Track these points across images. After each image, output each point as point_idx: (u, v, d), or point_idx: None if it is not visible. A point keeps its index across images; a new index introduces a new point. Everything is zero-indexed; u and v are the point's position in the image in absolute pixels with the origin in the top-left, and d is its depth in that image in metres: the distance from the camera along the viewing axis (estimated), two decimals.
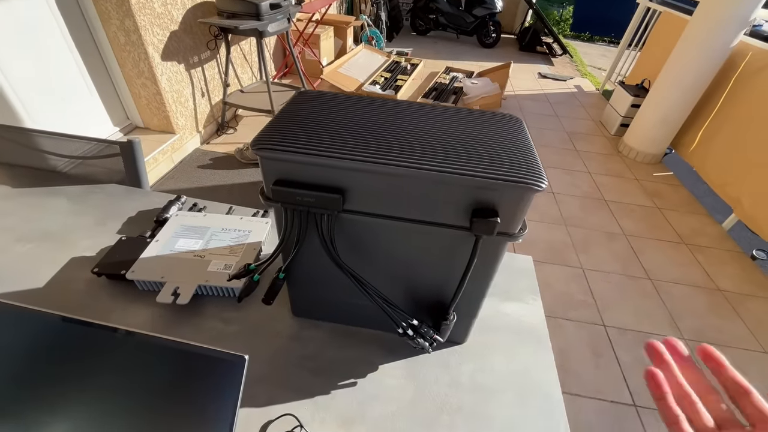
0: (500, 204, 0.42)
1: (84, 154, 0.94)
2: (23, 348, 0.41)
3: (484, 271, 0.50)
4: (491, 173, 0.40)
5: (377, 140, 0.44)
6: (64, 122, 1.87)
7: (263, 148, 0.42)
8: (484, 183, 0.40)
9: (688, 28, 2.52)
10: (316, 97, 0.54)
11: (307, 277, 0.58)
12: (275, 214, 0.50)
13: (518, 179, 0.40)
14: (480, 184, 0.40)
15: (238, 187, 2.23)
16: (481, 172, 0.40)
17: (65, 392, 0.40)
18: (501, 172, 0.40)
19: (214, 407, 0.39)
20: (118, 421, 0.40)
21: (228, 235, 0.74)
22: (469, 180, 0.40)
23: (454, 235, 0.45)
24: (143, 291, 0.67)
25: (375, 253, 0.51)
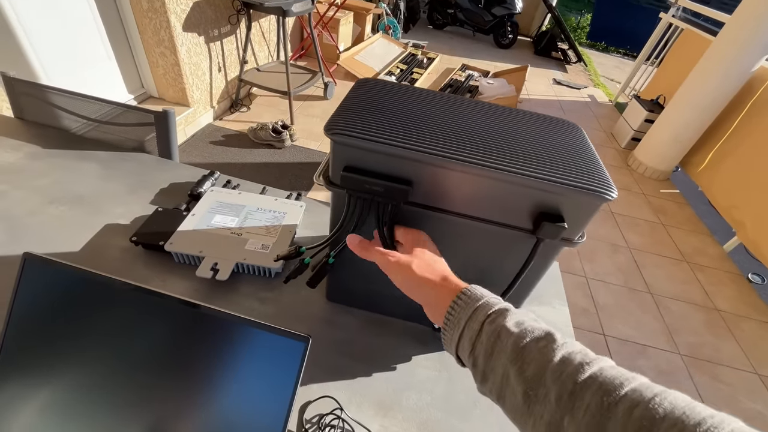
0: (567, 210, 0.42)
1: (115, 120, 0.93)
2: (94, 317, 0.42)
3: (533, 274, 0.50)
4: (564, 179, 0.41)
5: (447, 135, 0.44)
6: (80, 85, 1.84)
7: (337, 133, 0.42)
8: (556, 188, 0.40)
9: (711, 49, 2.52)
10: (377, 85, 0.53)
11: (349, 264, 0.59)
12: (333, 199, 0.50)
13: (591, 187, 0.40)
14: (552, 188, 0.40)
15: (250, 167, 2.22)
16: (553, 176, 0.41)
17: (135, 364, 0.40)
18: (572, 179, 0.41)
19: (275, 384, 0.39)
20: (179, 396, 0.40)
21: (264, 215, 0.74)
22: (541, 183, 0.40)
23: (514, 237, 0.46)
24: (179, 264, 0.67)
25: None
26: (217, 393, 0.41)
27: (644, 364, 1.58)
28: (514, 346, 0.28)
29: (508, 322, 0.30)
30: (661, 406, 0.21)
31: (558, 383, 0.25)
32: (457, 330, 0.32)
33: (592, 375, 0.25)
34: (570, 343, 0.28)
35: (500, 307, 0.32)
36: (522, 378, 0.27)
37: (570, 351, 0.27)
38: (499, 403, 0.30)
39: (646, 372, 1.55)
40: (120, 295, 0.42)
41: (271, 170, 2.22)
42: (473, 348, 0.31)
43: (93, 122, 0.90)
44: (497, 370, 0.29)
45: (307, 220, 0.80)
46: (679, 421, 0.20)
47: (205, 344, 0.40)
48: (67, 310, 0.42)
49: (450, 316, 0.33)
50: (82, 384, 0.41)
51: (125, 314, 0.42)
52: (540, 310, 0.72)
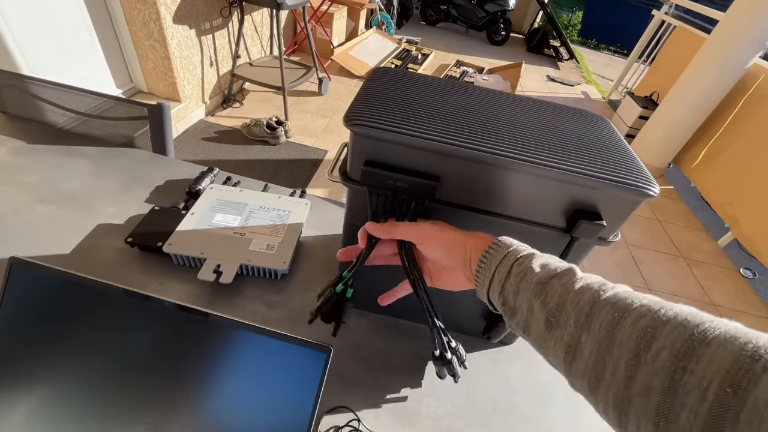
0: (605, 207, 0.40)
1: (105, 114, 0.88)
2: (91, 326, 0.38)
3: None
4: (602, 173, 0.38)
5: (475, 126, 0.41)
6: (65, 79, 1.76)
7: (358, 124, 0.38)
8: (595, 183, 0.38)
9: (705, 47, 2.54)
10: (394, 75, 0.50)
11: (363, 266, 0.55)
12: (349, 197, 0.46)
13: (631, 182, 0.38)
14: (590, 183, 0.38)
15: (244, 164, 2.16)
16: (591, 171, 0.38)
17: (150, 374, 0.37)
18: (611, 173, 0.38)
19: (293, 399, 0.36)
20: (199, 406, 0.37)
21: (267, 213, 0.71)
22: (579, 179, 0.37)
23: (545, 236, 0.43)
24: (178, 266, 0.63)
25: None
26: (229, 408, 0.37)
27: None
28: (538, 282, 0.30)
29: (534, 263, 0.32)
30: (666, 315, 0.23)
31: (577, 309, 0.27)
32: (488, 275, 0.34)
33: (607, 297, 0.27)
34: (589, 276, 0.30)
35: (527, 252, 0.34)
36: (545, 309, 0.29)
37: (589, 282, 0.29)
38: (525, 334, 0.33)
39: None
40: (117, 301, 0.38)
41: (267, 167, 2.17)
42: (503, 288, 0.33)
43: (82, 116, 0.85)
44: (523, 305, 0.31)
45: (312, 219, 0.76)
46: (680, 325, 0.22)
47: (216, 356, 0.37)
48: (57, 318, 0.38)
49: (482, 264, 0.35)
50: (71, 395, 0.37)
51: (121, 321, 0.38)
52: None
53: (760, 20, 2.23)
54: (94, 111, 0.87)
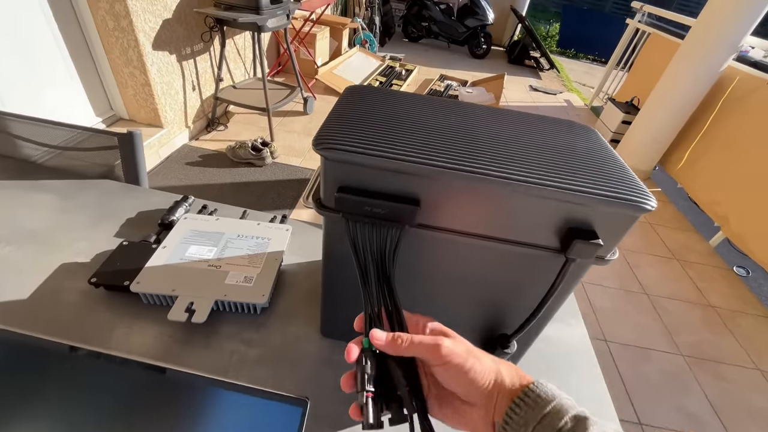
0: (600, 224, 0.37)
1: (74, 145, 0.84)
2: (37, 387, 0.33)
3: (557, 298, 0.44)
4: (595, 189, 0.35)
5: (455, 144, 0.38)
6: (41, 109, 1.72)
7: (329, 148, 0.35)
8: (588, 200, 0.35)
9: (680, 52, 2.60)
10: (368, 92, 0.47)
11: (346, 295, 0.51)
12: (326, 225, 0.43)
13: (627, 197, 0.35)
14: (582, 200, 0.35)
15: (230, 187, 2.12)
16: (583, 186, 0.35)
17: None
18: (605, 188, 0.35)
19: None
20: None
21: (245, 242, 0.66)
22: (571, 195, 0.35)
23: (538, 258, 0.40)
24: (149, 305, 0.58)
25: (431, 274, 0.45)
26: None
27: (649, 369, 1.54)
28: None
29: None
30: None
31: None
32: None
33: None
34: None
35: (576, 413, 0.26)
36: None
37: None
38: None
39: (653, 377, 1.52)
40: (66, 360, 0.33)
41: (253, 189, 2.13)
42: None
43: (48, 149, 0.80)
44: None
45: (294, 244, 0.72)
46: None
47: (177, 416, 0.32)
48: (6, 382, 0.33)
49: (513, 416, 0.26)
50: None
51: (71, 382, 0.33)
52: (555, 328, 0.66)
53: (732, 24, 2.30)
54: (64, 143, 0.83)
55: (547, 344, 0.63)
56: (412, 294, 0.46)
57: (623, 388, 1.45)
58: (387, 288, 0.36)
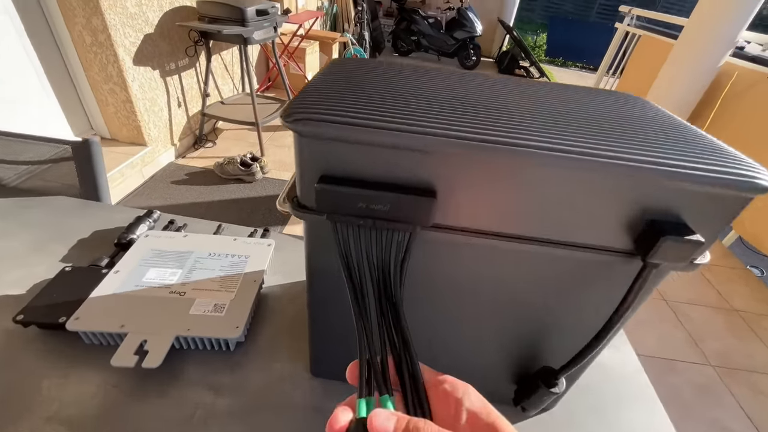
0: (692, 213, 0.26)
1: (22, 158, 0.73)
2: None
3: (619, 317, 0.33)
4: (686, 162, 0.25)
5: (481, 114, 0.28)
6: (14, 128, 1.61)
7: (303, 119, 0.24)
8: (680, 178, 0.24)
9: (675, 51, 2.56)
10: (357, 63, 0.37)
11: (339, 326, 0.40)
12: (307, 232, 0.32)
13: (733, 172, 0.24)
14: (672, 180, 0.24)
15: (218, 205, 2.01)
16: (669, 159, 0.25)
17: None
18: (696, 162, 0.25)
19: None
20: None
21: (218, 262, 0.55)
22: (654, 173, 0.24)
23: (599, 264, 0.29)
24: (92, 346, 0.46)
25: (451, 293, 0.34)
26: None
27: (677, 381, 1.41)
28: None
29: None
30: None
31: None
32: None
33: None
34: None
35: None
36: None
37: None
38: None
39: (683, 390, 1.39)
40: None
41: (242, 206, 2.02)
42: None
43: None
44: None
45: (278, 261, 0.61)
46: None
47: None
48: None
49: None
50: None
51: None
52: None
53: (727, 19, 2.26)
54: (7, 155, 0.72)
55: (592, 374, 0.51)
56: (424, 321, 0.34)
57: None
58: (392, 318, 0.25)
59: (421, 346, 0.25)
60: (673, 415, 1.31)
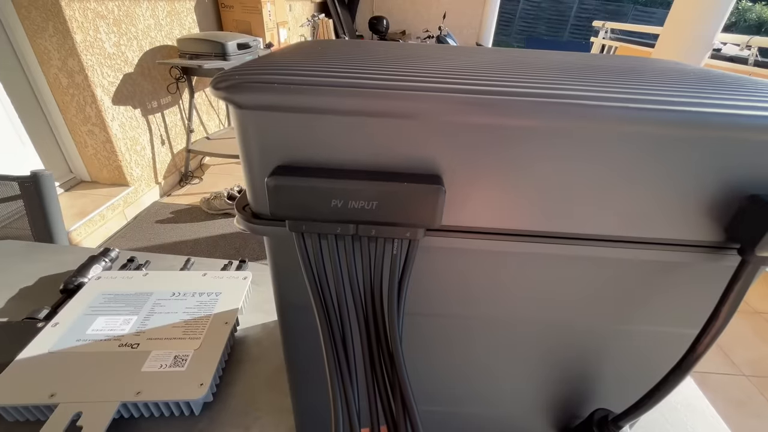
0: None
1: None
2: None
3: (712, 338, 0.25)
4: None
5: (487, 71, 0.20)
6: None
7: (243, 83, 0.17)
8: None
9: (654, 57, 2.60)
10: (329, 41, 0.30)
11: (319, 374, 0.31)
12: (271, 254, 0.23)
13: None
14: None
15: (205, 241, 1.91)
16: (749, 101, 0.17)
17: None
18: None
19: None
20: None
21: (182, 303, 0.46)
22: (748, 122, 0.16)
23: (673, 267, 0.21)
24: (18, 423, 0.36)
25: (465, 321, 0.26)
26: None
27: (714, 397, 1.29)
28: None
29: None
30: None
31: None
32: None
33: None
34: None
35: None
36: None
37: None
38: None
39: (721, 407, 1.26)
40: None
41: (230, 241, 1.92)
42: None
43: None
44: None
45: (257, 298, 0.52)
46: None
47: None
48: None
49: None
50: None
51: None
52: None
53: (701, 22, 2.31)
54: None
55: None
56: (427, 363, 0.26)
57: None
58: (387, 371, 0.16)
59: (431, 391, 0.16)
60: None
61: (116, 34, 1.81)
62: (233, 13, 2.76)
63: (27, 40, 1.62)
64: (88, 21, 1.66)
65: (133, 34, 1.91)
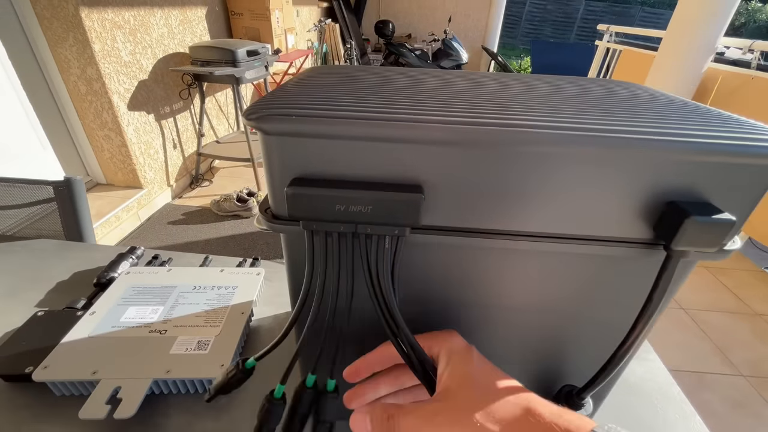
0: (717, 191, 0.23)
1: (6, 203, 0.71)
2: None
3: (646, 319, 0.29)
4: (701, 132, 0.22)
5: (469, 102, 0.25)
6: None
7: (270, 115, 0.22)
8: (698, 150, 0.21)
9: (657, 62, 2.62)
10: (333, 67, 0.36)
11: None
12: (287, 248, 0.29)
13: (755, 137, 0.21)
14: (689, 152, 0.21)
15: (216, 242, 1.98)
16: (681, 130, 0.22)
17: None
18: (712, 131, 0.22)
19: None
20: None
21: (203, 295, 0.51)
22: (668, 143, 0.21)
23: (614, 260, 0.26)
24: (64, 397, 0.42)
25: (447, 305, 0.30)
26: None
27: (711, 397, 1.32)
28: None
29: None
30: None
31: None
32: None
33: None
34: None
35: None
36: None
37: None
38: None
39: (718, 407, 1.29)
40: None
41: (239, 242, 1.99)
42: None
43: None
44: None
45: (269, 291, 0.57)
46: None
47: None
48: None
49: None
50: None
51: None
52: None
53: (704, 27, 2.33)
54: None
55: (619, 390, 0.46)
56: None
57: None
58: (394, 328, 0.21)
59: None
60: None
61: (132, 42, 1.89)
62: (242, 20, 2.84)
63: (48, 50, 1.70)
64: (106, 31, 1.74)
65: (147, 43, 1.99)
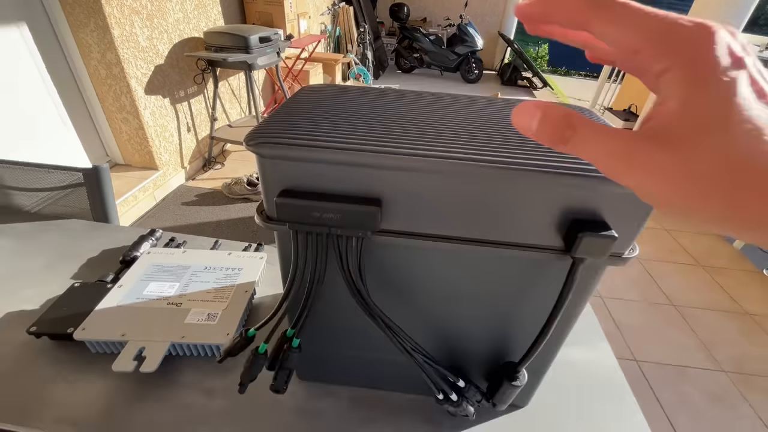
0: (609, 212, 0.29)
1: (41, 186, 0.80)
2: None
3: (571, 310, 0.36)
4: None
5: (419, 130, 0.31)
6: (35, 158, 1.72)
7: (264, 143, 0.28)
8: (589, 181, 0.27)
9: None
10: (322, 89, 0.42)
11: (319, 328, 0.43)
12: (278, 242, 0.36)
13: None
14: (586, 183, 0.27)
15: (226, 224, 2.08)
16: (580, 165, 0.28)
17: None
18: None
19: None
20: None
21: (213, 275, 0.59)
22: (571, 179, 0.27)
23: (537, 262, 0.32)
24: (98, 355, 0.50)
25: (410, 291, 0.37)
26: None
27: (690, 390, 1.38)
28: None
29: None
30: None
31: None
32: None
33: None
34: None
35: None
36: None
37: None
38: None
39: (697, 400, 1.36)
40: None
41: (249, 224, 2.08)
42: None
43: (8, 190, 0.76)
44: None
45: (271, 274, 0.65)
46: None
47: None
48: None
49: None
50: None
51: None
52: (574, 352, 0.56)
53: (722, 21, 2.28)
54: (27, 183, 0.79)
55: (568, 372, 0.53)
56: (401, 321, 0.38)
57: (663, 413, 1.29)
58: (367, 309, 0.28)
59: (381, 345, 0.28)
60: (685, 424, 1.31)
61: (149, 28, 1.95)
62: (256, 4, 2.87)
63: (71, 35, 1.77)
64: (125, 17, 1.80)
65: (164, 28, 2.05)
